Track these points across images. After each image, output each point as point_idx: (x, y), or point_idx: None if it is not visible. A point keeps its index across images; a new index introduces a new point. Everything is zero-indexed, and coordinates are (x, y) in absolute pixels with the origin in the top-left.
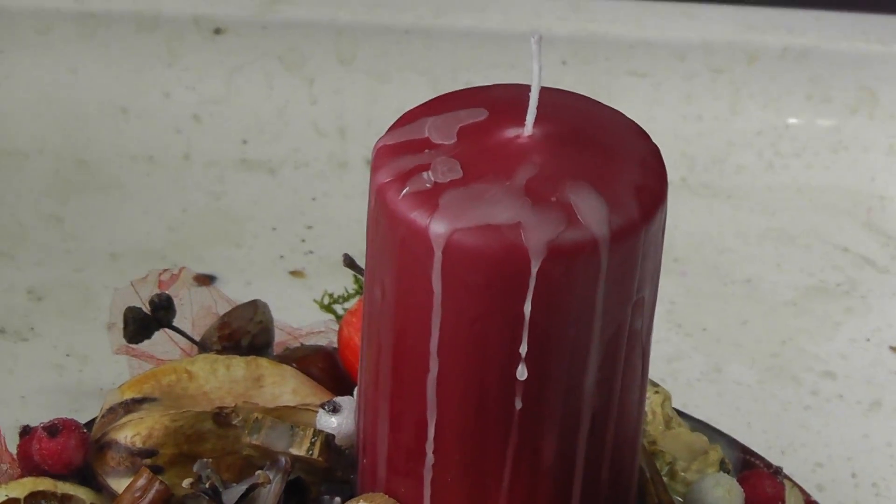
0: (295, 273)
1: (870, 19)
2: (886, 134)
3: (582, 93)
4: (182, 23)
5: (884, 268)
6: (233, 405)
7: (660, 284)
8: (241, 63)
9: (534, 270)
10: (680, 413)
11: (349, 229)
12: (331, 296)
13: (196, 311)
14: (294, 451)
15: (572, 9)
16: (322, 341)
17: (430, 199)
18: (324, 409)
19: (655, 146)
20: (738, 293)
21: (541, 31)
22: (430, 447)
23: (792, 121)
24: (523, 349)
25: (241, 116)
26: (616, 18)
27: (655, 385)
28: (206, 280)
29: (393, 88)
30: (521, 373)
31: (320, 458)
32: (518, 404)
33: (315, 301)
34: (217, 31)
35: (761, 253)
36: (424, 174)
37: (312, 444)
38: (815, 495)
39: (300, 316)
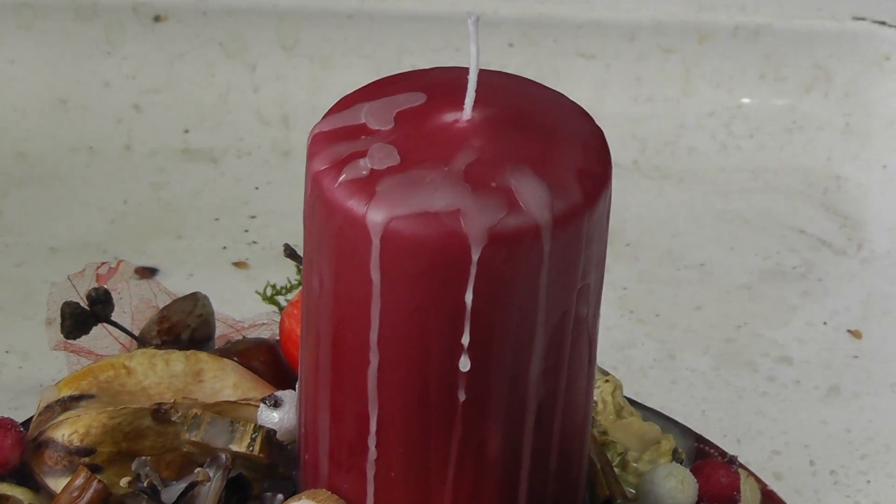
0: (238, 264)
1: None
2: (842, 112)
3: (530, 75)
4: (121, 11)
5: (840, 249)
6: (172, 401)
7: (612, 270)
8: (181, 50)
9: (474, 258)
10: (632, 402)
11: (293, 219)
12: (273, 287)
13: (135, 305)
14: (234, 447)
15: None
16: (265, 333)
17: (367, 186)
18: (265, 403)
19: (599, 128)
20: (692, 278)
21: (486, 13)
22: (372, 441)
23: (745, 101)
24: (465, 339)
25: (182, 105)
26: None
27: (606, 373)
28: (147, 273)
29: (337, 74)
30: (464, 364)
31: (261, 455)
32: (461, 396)
33: (258, 293)
34: (157, 19)
35: (715, 236)
36: (361, 161)
37: (253, 439)
38: (772, 484)
39: (244, 308)
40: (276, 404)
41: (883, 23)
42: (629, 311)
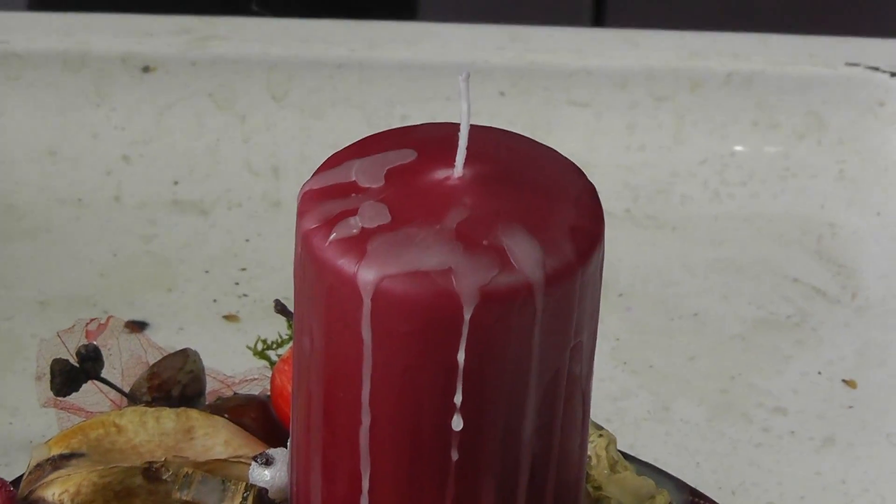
0: (229, 317)
1: (816, 42)
2: (835, 159)
3: (521, 124)
4: (110, 61)
5: (835, 298)
6: (163, 459)
7: (605, 321)
8: (170, 101)
9: (466, 317)
10: (626, 456)
11: (284, 271)
12: (264, 342)
13: (125, 361)
14: None
15: (509, 38)
16: (256, 389)
17: (358, 245)
18: (256, 461)
19: (591, 185)
20: (686, 328)
21: (477, 62)
22: (364, 500)
23: (738, 148)
24: (458, 399)
25: (171, 156)
26: (555, 47)
27: (600, 428)
28: (137, 327)
29: (327, 124)
30: (457, 423)
31: None
32: (454, 455)
33: (248, 347)
34: (146, 69)
35: (708, 285)
36: (352, 219)
37: (245, 498)
38: None
39: (234, 362)
40: (268, 462)
41: (876, 69)
42: (622, 363)
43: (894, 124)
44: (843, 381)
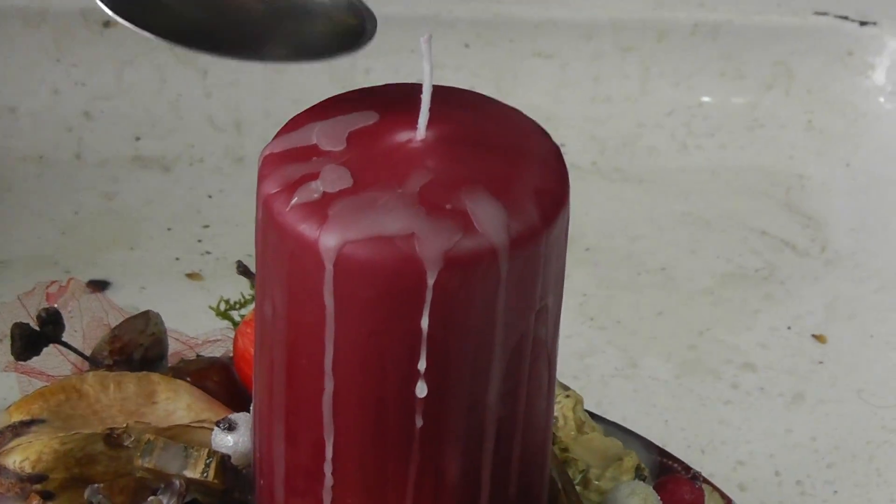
0: (192, 275)
1: None
2: (804, 109)
3: (486, 76)
4: (70, 16)
5: (804, 250)
6: (125, 425)
7: (571, 276)
8: (131, 56)
9: (430, 282)
10: (593, 415)
11: (247, 227)
12: (227, 302)
13: (87, 323)
14: (188, 473)
15: None
16: (219, 350)
17: (320, 210)
18: (219, 426)
19: (556, 146)
20: (653, 282)
21: (441, 14)
22: (328, 468)
23: (705, 99)
24: (422, 365)
25: (133, 112)
26: None
27: (567, 388)
28: (98, 286)
29: (290, 78)
30: (421, 390)
31: (216, 481)
32: (418, 422)
33: (211, 308)
34: (106, 25)
35: (676, 239)
36: (313, 183)
37: (207, 465)
38: (736, 496)
39: (197, 321)
40: (231, 428)
41: (845, 17)
42: (589, 319)
43: (863, 74)
44: (813, 335)
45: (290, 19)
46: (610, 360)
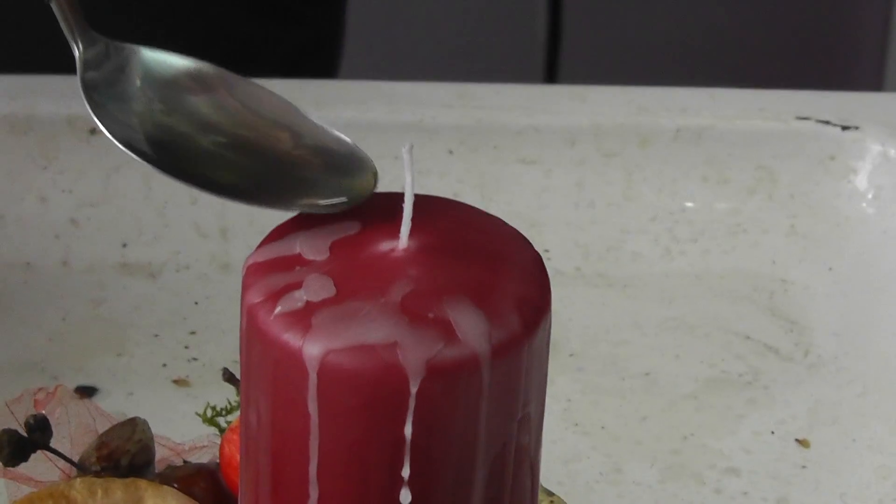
0: (179, 381)
1: (766, 95)
2: (787, 214)
3: (470, 183)
4: (56, 123)
5: (787, 355)
6: None
7: (555, 382)
8: (118, 163)
9: (413, 390)
10: None
11: (234, 334)
12: (213, 408)
13: (74, 429)
14: None
15: (457, 95)
16: (206, 456)
17: (303, 319)
18: None
19: (537, 254)
20: (637, 387)
21: (426, 121)
22: None
23: (688, 204)
24: (405, 472)
25: (120, 219)
26: (503, 104)
27: (551, 493)
28: (86, 392)
29: None
30: (405, 497)
31: None
32: None
33: (198, 414)
34: (93, 132)
35: (659, 344)
36: (296, 293)
37: None
38: None
39: (184, 427)
40: None
41: (827, 122)
42: (574, 424)
43: (845, 178)
44: (797, 440)
45: (302, 167)
46: (594, 465)
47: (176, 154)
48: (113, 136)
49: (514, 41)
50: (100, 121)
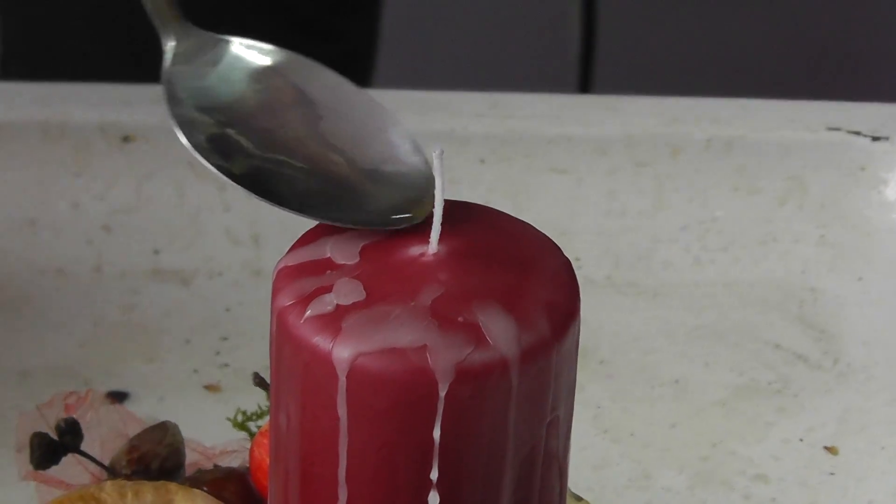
0: (210, 387)
1: (797, 106)
2: (816, 224)
3: (501, 192)
4: (89, 131)
5: (816, 364)
6: None
7: (585, 389)
8: (151, 171)
9: (442, 394)
10: None
11: (265, 340)
12: (244, 413)
13: (105, 433)
14: None
15: (489, 105)
16: (236, 460)
17: (333, 322)
18: None
19: (567, 260)
20: (667, 395)
21: (457, 130)
22: None
23: (718, 213)
24: (434, 475)
25: (152, 226)
26: (535, 114)
27: (579, 498)
28: (117, 398)
29: None
30: (433, 499)
31: None
32: None
33: (228, 419)
34: (126, 139)
35: (689, 352)
36: (326, 296)
37: None
38: None
39: (215, 432)
40: None
41: (858, 133)
42: (603, 431)
43: (876, 189)
44: (825, 447)
45: (368, 182)
46: (624, 471)
47: (247, 162)
48: (184, 135)
49: (547, 53)
50: (173, 117)
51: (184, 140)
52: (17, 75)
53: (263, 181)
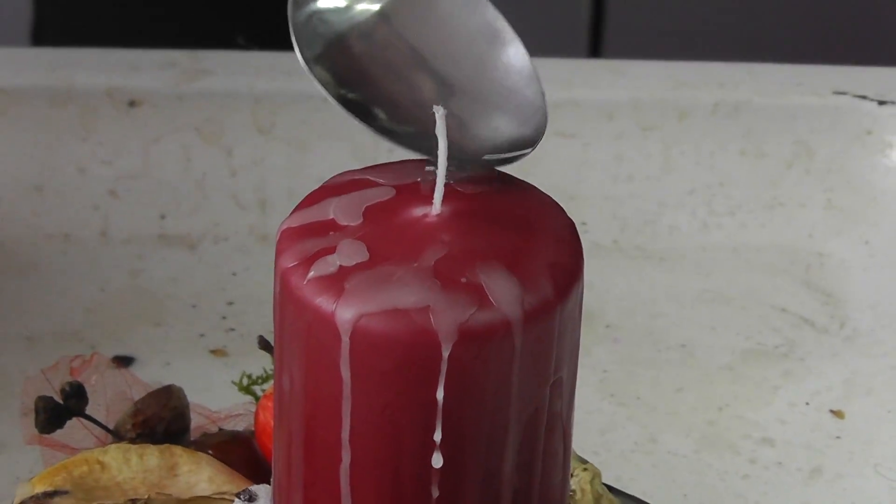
0: (216, 352)
1: (803, 70)
2: (823, 188)
3: None
4: (96, 96)
5: (823, 328)
6: (146, 496)
7: (592, 353)
8: (157, 135)
9: (445, 355)
10: (611, 489)
11: (271, 304)
12: (249, 377)
13: (110, 397)
14: None
15: None
16: (241, 424)
17: (336, 283)
18: (239, 498)
19: (570, 220)
20: (673, 359)
21: None
22: None
23: (725, 178)
24: (437, 436)
25: (158, 190)
26: (541, 78)
27: (584, 462)
28: (123, 362)
29: (314, 157)
30: (437, 460)
31: None
32: (434, 492)
33: (234, 382)
34: (132, 104)
35: (696, 316)
36: (330, 257)
37: None
38: None
39: (221, 397)
40: (251, 499)
41: (864, 97)
42: (610, 395)
43: (882, 153)
44: (831, 411)
45: (489, 114)
46: (630, 435)
47: (366, 94)
48: (304, 61)
49: (557, 19)
50: (297, 42)
51: (302, 62)
52: (50, 41)
53: (379, 110)
